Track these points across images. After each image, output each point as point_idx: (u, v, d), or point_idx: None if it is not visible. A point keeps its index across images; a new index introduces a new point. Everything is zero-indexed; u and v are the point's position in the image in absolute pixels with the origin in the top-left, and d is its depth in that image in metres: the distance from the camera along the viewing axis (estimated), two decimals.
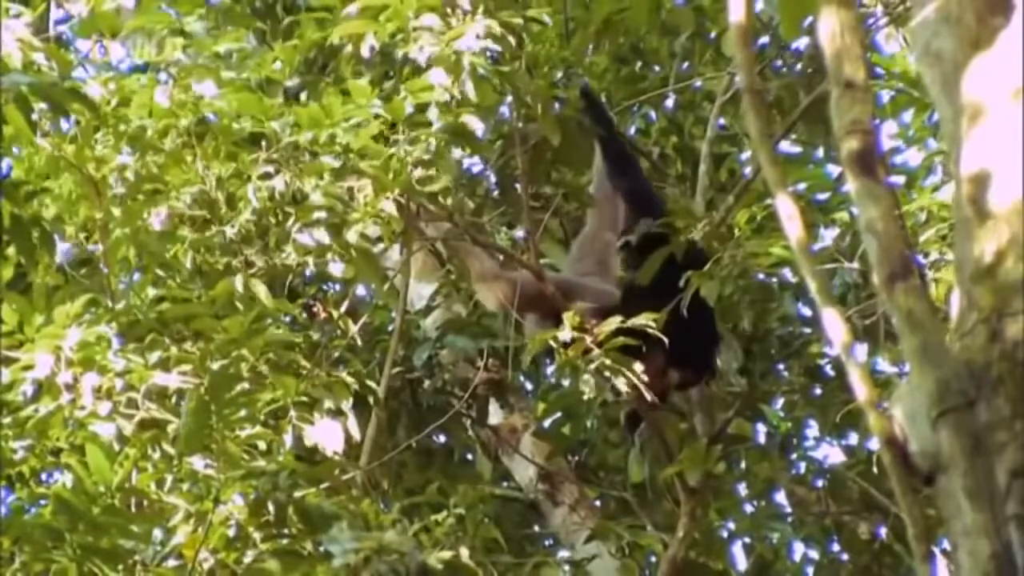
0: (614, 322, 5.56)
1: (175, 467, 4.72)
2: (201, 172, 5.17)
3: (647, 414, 6.09)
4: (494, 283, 6.25)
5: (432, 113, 5.20)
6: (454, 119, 5.19)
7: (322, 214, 5.14)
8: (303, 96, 5.85)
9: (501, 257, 6.32)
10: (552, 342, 5.59)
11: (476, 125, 5.24)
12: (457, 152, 5.33)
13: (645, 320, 5.55)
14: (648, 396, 5.70)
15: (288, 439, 5.13)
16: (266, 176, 5.17)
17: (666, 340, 5.62)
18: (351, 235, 5.15)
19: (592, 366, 5.58)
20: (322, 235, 5.16)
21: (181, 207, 5.19)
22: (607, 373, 5.60)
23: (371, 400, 5.77)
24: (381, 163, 5.14)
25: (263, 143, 5.20)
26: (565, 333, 5.54)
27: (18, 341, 4.88)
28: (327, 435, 5.18)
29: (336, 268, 5.41)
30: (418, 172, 5.17)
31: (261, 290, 5.16)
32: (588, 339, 5.55)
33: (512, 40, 5.30)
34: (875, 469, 6.73)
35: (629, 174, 6.41)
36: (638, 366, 5.64)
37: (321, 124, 5.15)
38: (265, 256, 5.21)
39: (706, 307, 5.87)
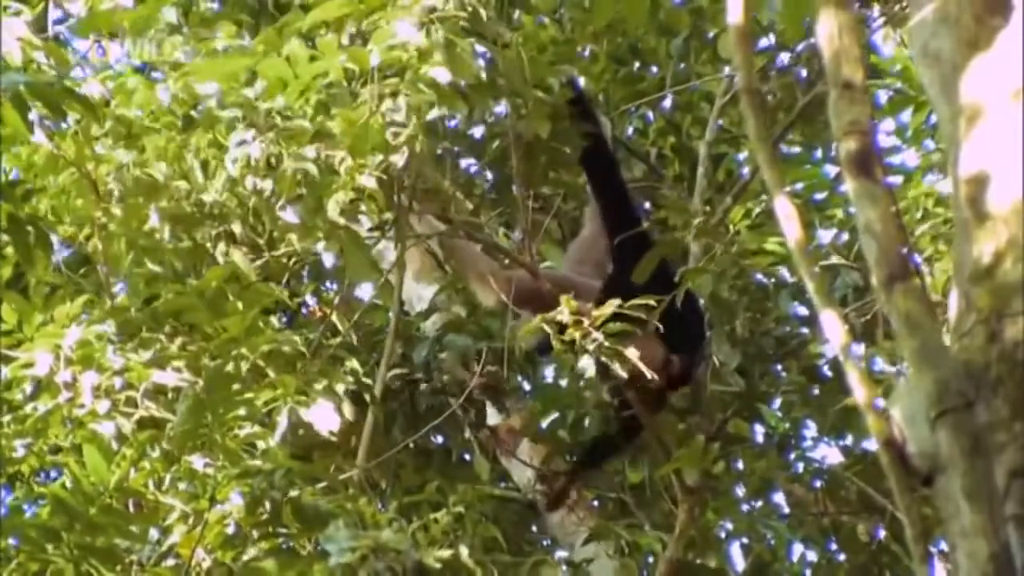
0: (612, 304, 5.53)
1: (172, 466, 4.72)
2: (188, 160, 5.14)
3: (646, 417, 6.08)
4: (491, 280, 6.23)
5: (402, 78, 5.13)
6: (417, 71, 5.09)
7: (303, 191, 5.07)
8: None
9: (502, 258, 6.32)
10: (548, 328, 5.55)
11: (443, 77, 5.15)
12: (435, 112, 5.24)
13: (643, 301, 5.52)
14: (649, 373, 5.69)
15: (283, 423, 5.09)
16: (242, 143, 5.10)
17: (664, 329, 5.65)
18: (331, 207, 5.09)
19: (592, 346, 5.54)
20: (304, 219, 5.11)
21: (156, 174, 5.14)
22: (604, 358, 5.57)
23: (368, 398, 5.76)
24: (356, 126, 5.06)
25: (240, 112, 5.14)
26: (563, 314, 5.50)
27: (17, 340, 4.88)
28: (321, 417, 5.15)
29: (328, 259, 5.36)
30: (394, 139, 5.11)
31: (238, 256, 5.12)
32: (586, 322, 5.53)
33: (483, 11, 5.25)
34: (872, 469, 6.74)
35: (604, 194, 6.26)
36: (633, 351, 5.62)
37: (288, 79, 5.07)
38: (245, 226, 5.16)
39: (691, 294, 5.90)
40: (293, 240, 5.21)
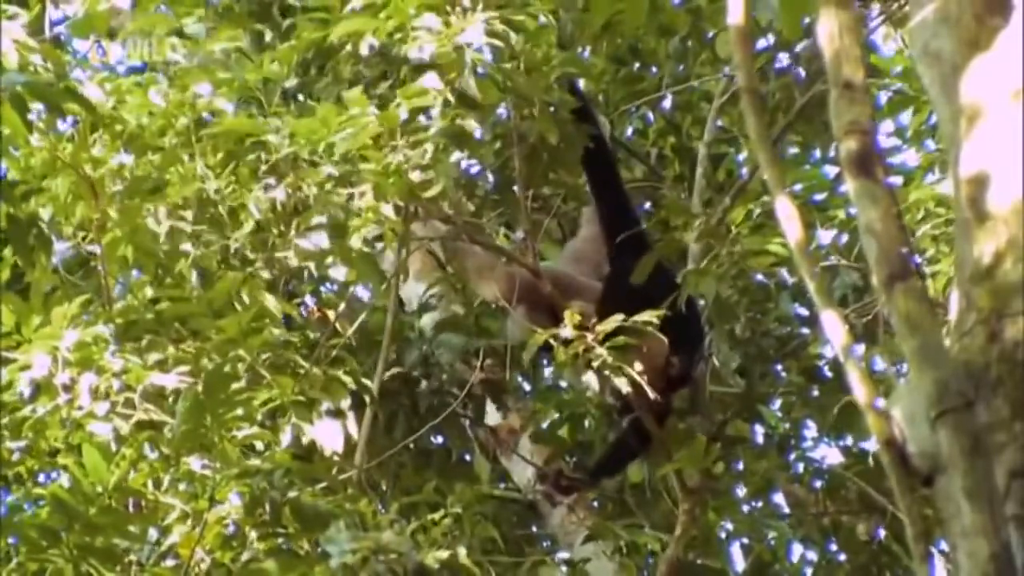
0: (615, 320, 5.55)
1: (171, 467, 4.71)
2: (200, 172, 5.16)
3: (648, 417, 6.07)
4: (492, 276, 6.23)
5: (433, 113, 5.16)
6: (451, 122, 5.15)
7: (323, 219, 5.12)
8: (300, 97, 5.84)
9: (502, 258, 6.32)
10: (552, 340, 5.57)
11: (474, 127, 5.21)
12: (456, 154, 5.30)
13: (645, 317, 5.54)
14: (651, 393, 5.68)
15: (287, 438, 5.11)
16: (267, 187, 5.14)
17: (663, 330, 5.65)
18: (354, 241, 5.13)
19: (594, 364, 5.56)
20: (323, 239, 5.15)
21: (182, 225, 5.17)
22: (608, 372, 5.59)
23: (367, 399, 5.76)
24: (379, 169, 5.12)
25: (262, 155, 5.18)
26: (565, 331, 5.52)
27: (16, 342, 4.88)
28: (327, 435, 5.17)
29: (338, 272, 5.39)
30: (416, 176, 5.15)
31: (270, 300, 5.14)
32: (589, 337, 5.54)
33: (513, 37, 5.28)
34: (873, 470, 6.74)
35: (604, 195, 6.27)
36: (639, 365, 5.63)
37: (318, 136, 5.12)
38: (270, 267, 5.20)
39: (689, 294, 5.91)
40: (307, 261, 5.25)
